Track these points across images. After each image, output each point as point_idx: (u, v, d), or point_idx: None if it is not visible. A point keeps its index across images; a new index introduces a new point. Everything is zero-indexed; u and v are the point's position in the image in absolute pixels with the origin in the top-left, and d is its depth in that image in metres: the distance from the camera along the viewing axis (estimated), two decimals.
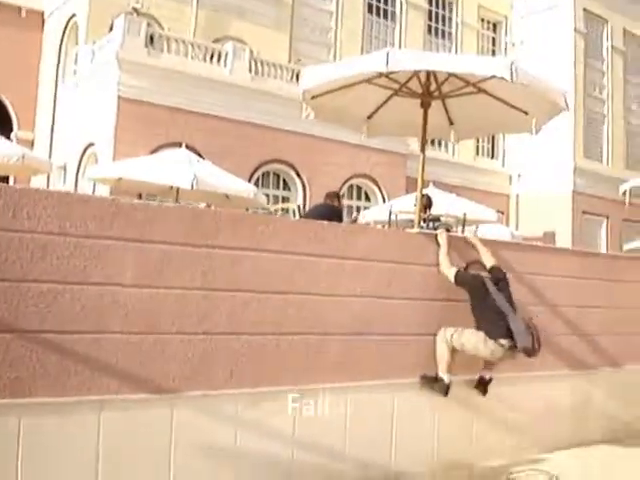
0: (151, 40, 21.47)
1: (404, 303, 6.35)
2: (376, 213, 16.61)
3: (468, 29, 34.06)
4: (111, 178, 14.42)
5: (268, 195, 21.56)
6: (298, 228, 6.01)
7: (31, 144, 26.48)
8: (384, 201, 23.77)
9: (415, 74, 7.24)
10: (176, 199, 13.63)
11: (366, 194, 26.59)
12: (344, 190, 25.27)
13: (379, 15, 31.15)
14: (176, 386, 5.04)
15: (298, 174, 24.00)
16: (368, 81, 7.23)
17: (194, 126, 20.79)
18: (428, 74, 7.24)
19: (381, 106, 8.08)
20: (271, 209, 14.80)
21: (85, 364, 4.66)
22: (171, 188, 13.60)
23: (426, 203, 9.65)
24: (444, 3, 33.52)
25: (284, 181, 24.40)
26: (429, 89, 7.39)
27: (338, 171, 24.38)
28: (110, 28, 22.03)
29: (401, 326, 6.34)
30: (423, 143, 7.54)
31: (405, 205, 13.33)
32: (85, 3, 23.78)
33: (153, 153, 17.13)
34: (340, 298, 5.94)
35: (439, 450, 6.58)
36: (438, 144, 30.91)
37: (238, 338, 5.36)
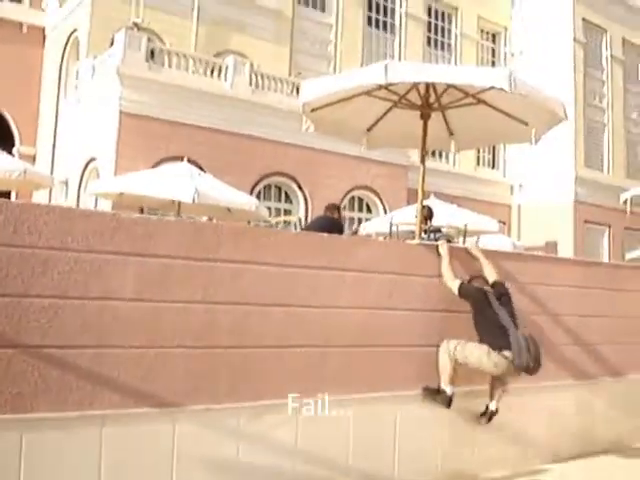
0: (152, 55, 21.57)
1: (405, 314, 6.35)
2: (377, 225, 16.61)
3: (467, 40, 34.18)
4: (113, 193, 14.46)
5: (270, 208, 21.57)
6: (299, 241, 6.02)
7: (33, 159, 26.56)
8: (385, 213, 23.79)
9: (414, 86, 7.26)
10: (178, 213, 13.65)
11: (367, 206, 26.62)
12: (345, 202, 25.30)
13: (378, 27, 31.27)
14: (178, 400, 5.04)
15: (300, 187, 24.04)
16: (367, 93, 7.26)
17: (195, 140, 20.83)
18: (427, 86, 7.26)
19: (381, 118, 8.11)
20: (272, 222, 14.80)
21: (87, 379, 4.66)
22: (173, 202, 13.62)
23: (427, 214, 9.65)
24: (443, 15, 33.67)
25: (286, 194, 24.44)
26: (428, 101, 7.41)
27: (339, 183, 24.41)
28: (111, 43, 22.13)
29: (403, 337, 6.34)
30: (423, 154, 7.56)
31: (406, 216, 13.33)
32: (86, 18, 23.90)
33: (154, 167, 17.18)
34: (341, 310, 5.94)
35: (442, 461, 6.56)
36: (439, 155, 30.99)
37: (240, 351, 5.36)
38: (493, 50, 36.29)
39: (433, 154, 29.74)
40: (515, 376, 6.35)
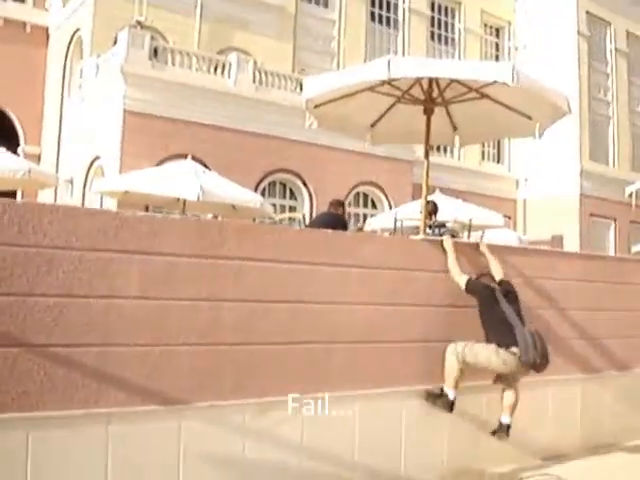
0: (155, 53, 21.57)
1: (410, 310, 6.34)
2: (382, 220, 16.59)
3: (471, 35, 34.12)
4: (118, 191, 14.48)
5: (275, 205, 21.59)
6: (303, 237, 6.02)
7: (38, 158, 26.62)
8: (390, 208, 23.75)
9: (417, 81, 7.25)
10: (183, 211, 13.66)
11: (372, 202, 26.60)
12: (350, 198, 25.29)
13: (382, 23, 31.24)
14: (183, 397, 5.04)
15: (304, 183, 24.03)
16: (370, 89, 7.25)
17: (199, 137, 20.84)
18: (430, 81, 7.25)
19: (384, 114, 8.10)
20: (276, 219, 14.81)
21: (92, 377, 4.67)
22: (177, 200, 13.63)
23: (431, 209, 9.65)
24: (447, 10, 33.60)
25: (290, 190, 24.44)
26: (431, 96, 7.40)
27: (344, 179, 24.39)
28: (114, 42, 22.17)
29: (408, 333, 6.33)
30: (427, 150, 7.56)
31: (411, 212, 13.31)
32: (89, 17, 23.94)
33: (159, 165, 17.20)
34: (346, 306, 5.94)
35: (448, 456, 6.56)
36: (444, 150, 30.95)
37: (244, 348, 5.36)
38: (497, 44, 36.22)
39: (438, 149, 29.71)
40: (524, 374, 6.31)
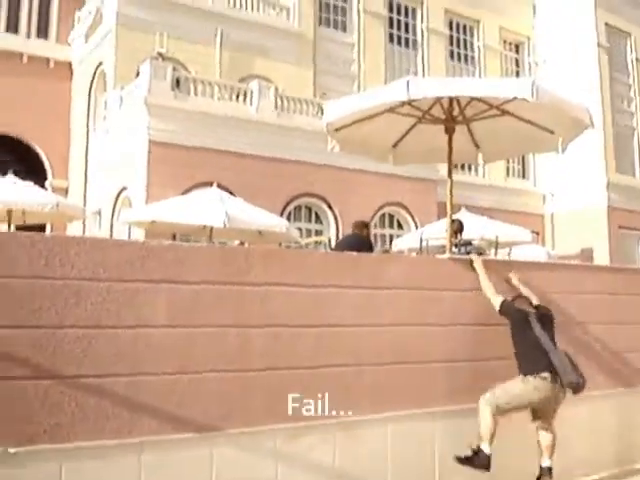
0: (177, 83, 21.80)
1: (437, 330, 6.32)
2: (409, 241, 16.59)
3: (490, 52, 34.11)
4: (145, 221, 14.61)
5: (301, 229, 21.62)
6: (328, 260, 6.04)
7: (65, 192, 26.96)
8: (416, 228, 23.72)
9: (437, 100, 7.26)
10: (210, 238, 13.75)
11: (398, 222, 26.56)
12: (376, 219, 25.28)
13: (400, 44, 31.36)
14: (214, 424, 5.05)
15: (329, 206, 24.06)
16: (391, 110, 7.27)
17: (224, 165, 20.97)
18: (451, 99, 7.25)
19: (406, 134, 8.11)
20: (302, 243, 14.85)
21: (123, 406, 4.70)
22: (204, 227, 13.73)
23: (457, 228, 9.62)
24: (465, 28, 33.67)
25: (316, 214, 24.47)
26: (452, 114, 7.40)
27: (369, 201, 24.39)
28: (137, 74, 22.46)
29: (436, 353, 6.29)
30: (450, 168, 7.55)
31: (436, 231, 13.31)
32: (111, 51, 24.29)
33: (185, 194, 17.33)
34: (373, 328, 5.93)
35: (481, 475, 6.47)
36: (468, 168, 30.86)
37: (273, 373, 5.37)
38: (517, 60, 36.18)
39: (462, 167, 29.65)
40: (561, 400, 6.15)
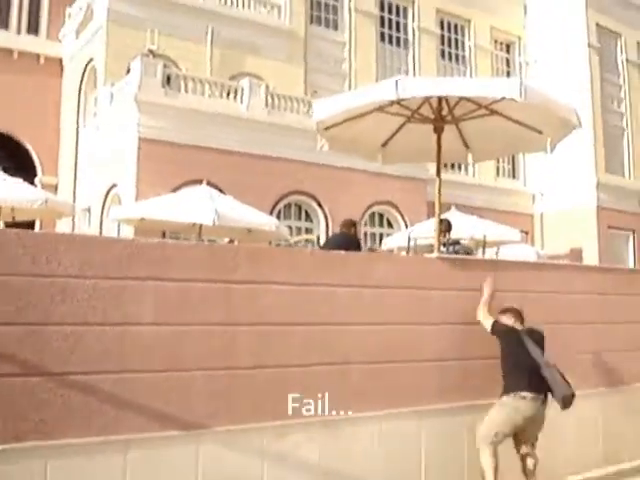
0: (168, 80, 21.74)
1: (425, 329, 6.34)
2: (398, 240, 16.59)
3: (481, 51, 34.15)
4: (134, 218, 14.57)
5: (290, 227, 21.59)
6: (316, 259, 6.04)
7: (55, 188, 26.86)
8: (406, 227, 23.72)
9: (426, 100, 7.28)
10: (199, 235, 13.72)
11: (388, 221, 26.57)
12: (366, 218, 25.29)
13: (391, 43, 31.35)
14: (201, 422, 5.06)
15: (319, 204, 24.05)
16: (380, 109, 7.28)
17: (214, 163, 20.92)
18: (439, 99, 7.27)
19: (395, 133, 8.13)
20: (291, 241, 14.84)
21: (109, 404, 4.70)
22: (194, 225, 13.70)
23: (445, 227, 9.64)
24: (456, 27, 33.68)
25: (306, 212, 24.46)
26: (441, 114, 7.42)
27: (359, 199, 24.39)
28: (127, 71, 22.37)
29: (423, 352, 6.32)
30: (438, 168, 7.56)
31: (425, 230, 13.31)
32: (102, 47, 24.20)
33: (175, 191, 17.29)
34: (361, 327, 5.94)
35: (468, 474, 6.51)
36: (458, 167, 30.88)
37: (261, 371, 5.38)
38: (508, 60, 36.21)
39: (452, 166, 29.68)
40: (543, 419, 6.21)
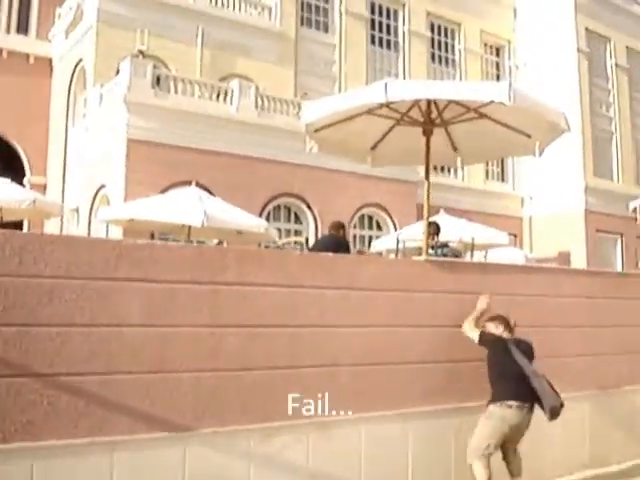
0: (158, 81, 21.69)
1: (412, 331, 6.35)
2: (387, 242, 16.60)
3: (471, 55, 34.24)
4: (123, 219, 14.53)
5: (280, 229, 21.58)
6: (304, 261, 6.05)
7: (44, 189, 26.76)
8: (395, 229, 23.75)
9: (416, 103, 7.30)
10: (188, 237, 13.69)
11: (377, 223, 26.60)
12: (355, 220, 25.31)
13: (382, 46, 31.39)
14: (187, 424, 5.05)
15: (309, 206, 24.05)
16: (369, 112, 7.29)
17: (203, 164, 20.90)
18: (429, 102, 7.29)
19: (384, 136, 8.14)
20: (279, 243, 14.82)
21: (96, 405, 4.69)
22: (183, 226, 13.67)
23: (434, 230, 9.64)
24: (446, 31, 33.76)
25: (295, 214, 24.46)
26: (430, 117, 7.44)
27: (348, 201, 24.41)
28: (117, 71, 22.32)
29: (411, 354, 6.33)
30: (427, 171, 7.58)
31: (414, 233, 13.33)
32: (91, 48, 24.13)
33: (164, 192, 17.26)
34: (348, 329, 5.95)
35: (455, 476, 6.52)
36: (447, 170, 30.95)
37: (248, 373, 5.37)
38: (497, 64, 36.32)
39: (442, 169, 29.74)
40: (527, 426, 6.20)
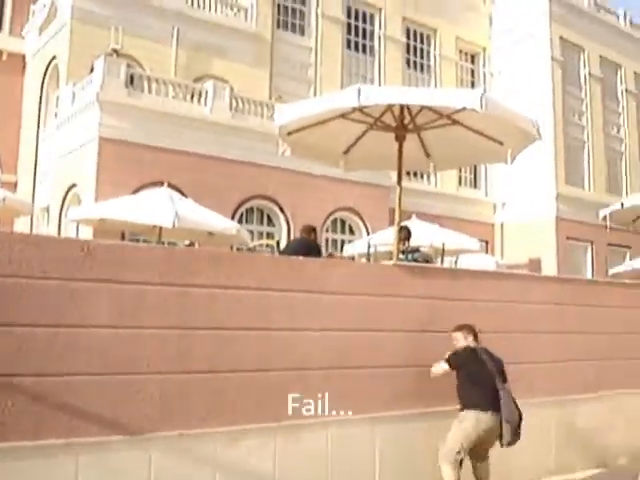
0: (131, 80, 21.53)
1: (382, 335, 6.35)
2: (359, 246, 16.62)
3: (446, 61, 34.39)
4: (93, 219, 14.41)
5: (252, 231, 21.55)
6: (274, 264, 6.03)
7: (14, 186, 26.45)
8: (368, 234, 23.76)
9: (389, 108, 7.32)
10: (159, 237, 13.60)
11: (350, 227, 26.60)
12: (328, 224, 25.29)
13: (357, 50, 31.44)
14: (153, 426, 5.01)
15: (281, 209, 24.01)
16: (343, 116, 7.30)
17: (176, 165, 20.77)
18: (402, 108, 7.31)
19: (357, 141, 8.15)
20: (250, 245, 14.79)
21: (61, 407, 4.63)
22: (154, 227, 13.58)
23: (405, 235, 9.65)
24: (422, 36, 33.89)
25: (268, 217, 24.40)
26: (403, 122, 7.46)
27: (321, 205, 24.39)
28: (91, 70, 22.13)
29: (380, 359, 6.33)
30: (399, 176, 7.60)
31: (386, 238, 13.33)
32: (65, 45, 23.91)
33: (135, 193, 17.14)
34: (317, 332, 5.94)
35: (421, 478, 6.51)
36: (420, 176, 31.02)
37: (216, 376, 5.34)
38: (472, 71, 36.51)
39: (415, 175, 29.81)
40: (497, 434, 6.18)
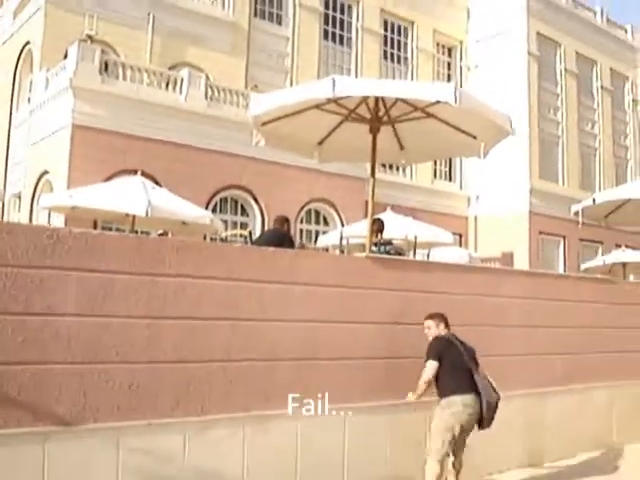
0: (106, 67, 21.35)
1: (353, 327, 6.36)
2: (333, 238, 16.59)
3: (423, 54, 34.43)
4: (65, 206, 14.27)
5: (226, 221, 21.48)
6: (245, 254, 6.01)
7: None
8: (342, 225, 23.75)
9: (364, 100, 7.32)
10: (132, 226, 13.51)
11: (325, 218, 26.61)
12: (302, 215, 25.28)
13: (335, 41, 31.38)
14: (121, 415, 4.98)
15: (255, 199, 23.95)
16: (318, 107, 7.29)
17: (150, 153, 20.64)
18: (377, 100, 7.32)
19: (332, 132, 8.14)
20: (223, 235, 14.73)
21: (28, 395, 4.60)
22: (127, 215, 13.48)
23: (378, 227, 9.66)
24: (399, 29, 33.89)
25: (242, 207, 24.33)
26: (378, 114, 7.46)
27: (296, 196, 24.37)
28: (65, 55, 21.90)
29: (351, 350, 6.34)
30: (373, 168, 7.62)
31: (360, 229, 13.33)
32: (39, 30, 23.63)
33: (108, 180, 17.02)
34: (288, 323, 5.93)
35: (390, 470, 6.54)
36: (396, 168, 31.06)
37: (184, 366, 5.32)
38: (449, 64, 36.60)
39: (390, 167, 29.86)
40: (474, 423, 6.18)
